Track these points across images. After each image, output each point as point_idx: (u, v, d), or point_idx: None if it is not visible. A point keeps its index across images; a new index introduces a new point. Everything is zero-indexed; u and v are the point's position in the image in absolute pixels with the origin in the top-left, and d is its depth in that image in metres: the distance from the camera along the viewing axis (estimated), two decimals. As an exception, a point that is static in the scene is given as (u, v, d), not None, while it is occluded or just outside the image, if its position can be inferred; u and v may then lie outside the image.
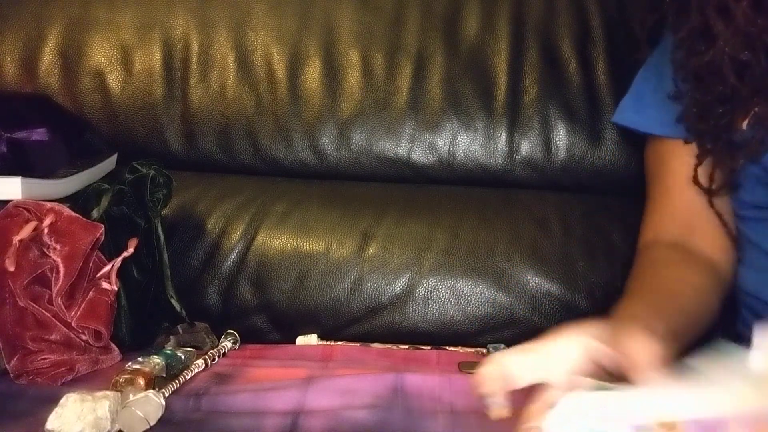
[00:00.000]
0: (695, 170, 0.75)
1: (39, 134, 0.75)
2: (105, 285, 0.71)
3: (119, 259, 0.73)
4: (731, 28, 0.67)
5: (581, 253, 0.88)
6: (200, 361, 0.71)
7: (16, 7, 1.02)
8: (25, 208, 0.69)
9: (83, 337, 0.70)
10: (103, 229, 0.71)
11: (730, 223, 0.75)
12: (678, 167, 0.77)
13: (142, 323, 0.79)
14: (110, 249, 0.74)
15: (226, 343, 0.78)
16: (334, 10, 0.99)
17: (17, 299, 0.67)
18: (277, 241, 0.90)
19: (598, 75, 0.94)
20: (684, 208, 0.77)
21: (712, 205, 0.74)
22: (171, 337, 0.78)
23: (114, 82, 0.99)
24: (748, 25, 0.66)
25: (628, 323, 0.56)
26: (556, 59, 0.95)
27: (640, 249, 0.78)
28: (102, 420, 0.58)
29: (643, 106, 0.82)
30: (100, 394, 0.60)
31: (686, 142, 0.75)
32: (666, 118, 0.77)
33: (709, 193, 0.74)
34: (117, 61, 1.00)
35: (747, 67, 0.68)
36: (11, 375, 0.67)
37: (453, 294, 0.87)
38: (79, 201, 0.75)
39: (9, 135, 0.73)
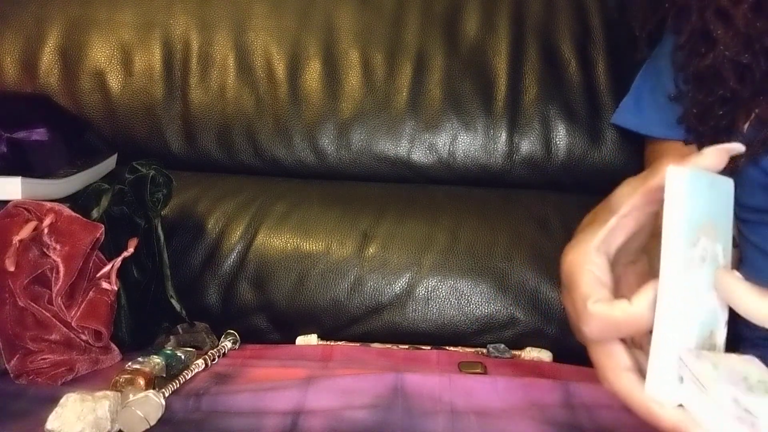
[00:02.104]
0: None
1: (39, 134, 0.75)
2: (105, 285, 0.71)
3: (119, 259, 0.73)
4: (731, 31, 0.67)
5: (581, 253, 0.88)
6: (200, 361, 0.71)
7: (16, 7, 1.03)
8: (25, 208, 0.69)
9: (83, 337, 0.70)
10: (103, 229, 0.71)
11: None
12: None
13: (142, 323, 0.79)
14: (110, 249, 0.74)
15: (226, 343, 0.77)
16: (334, 10, 0.99)
17: (17, 299, 0.67)
18: (277, 241, 0.90)
19: (598, 75, 0.94)
20: None
21: None
22: (171, 337, 0.78)
23: (114, 82, 0.99)
24: (748, 28, 0.66)
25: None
26: (556, 59, 0.95)
27: None
28: (102, 420, 0.58)
29: (642, 108, 0.82)
30: (100, 394, 0.60)
31: (686, 143, 0.75)
32: (665, 119, 0.77)
33: None
34: (117, 61, 1.00)
35: (748, 70, 0.68)
36: (11, 375, 0.67)
37: (453, 294, 0.86)
38: (79, 201, 0.75)
39: (9, 135, 0.73)
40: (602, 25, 0.96)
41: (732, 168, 0.71)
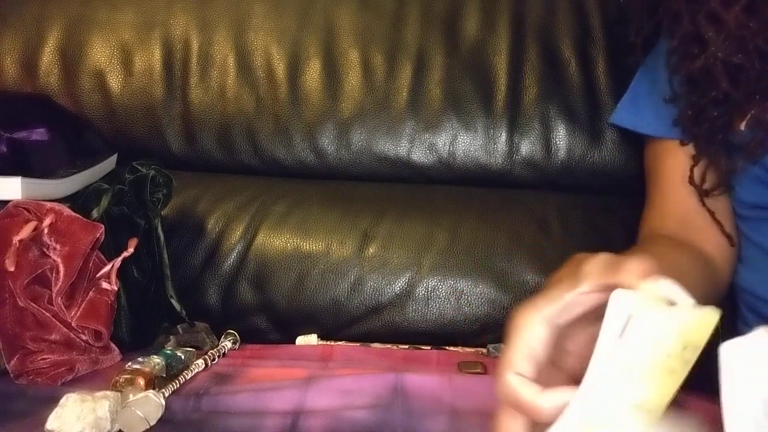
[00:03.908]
0: (691, 170, 0.75)
1: (39, 134, 0.75)
2: (105, 285, 0.71)
3: (119, 259, 0.73)
4: (723, 33, 0.67)
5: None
6: (200, 361, 0.71)
7: (16, 7, 1.02)
8: (25, 208, 0.69)
9: (83, 337, 0.70)
10: (103, 229, 0.71)
11: (725, 222, 0.75)
12: (673, 167, 0.77)
13: (142, 323, 0.79)
14: (110, 249, 0.74)
15: (226, 343, 0.77)
16: (334, 10, 0.99)
17: (17, 299, 0.67)
18: (277, 241, 0.90)
19: (598, 75, 0.94)
20: (679, 207, 0.77)
21: (703, 204, 0.75)
22: (171, 337, 0.78)
23: (114, 82, 0.99)
24: (740, 29, 0.66)
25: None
26: (556, 59, 0.95)
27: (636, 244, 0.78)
28: (102, 420, 0.58)
29: (639, 108, 0.82)
30: (100, 394, 0.60)
31: (682, 143, 0.75)
32: (662, 119, 0.77)
33: (703, 193, 0.74)
34: (117, 61, 1.00)
35: (741, 71, 0.68)
36: (11, 375, 0.67)
37: (453, 294, 0.87)
38: (79, 201, 0.75)
39: (9, 135, 0.73)
40: (602, 25, 0.96)
41: (731, 168, 0.72)
